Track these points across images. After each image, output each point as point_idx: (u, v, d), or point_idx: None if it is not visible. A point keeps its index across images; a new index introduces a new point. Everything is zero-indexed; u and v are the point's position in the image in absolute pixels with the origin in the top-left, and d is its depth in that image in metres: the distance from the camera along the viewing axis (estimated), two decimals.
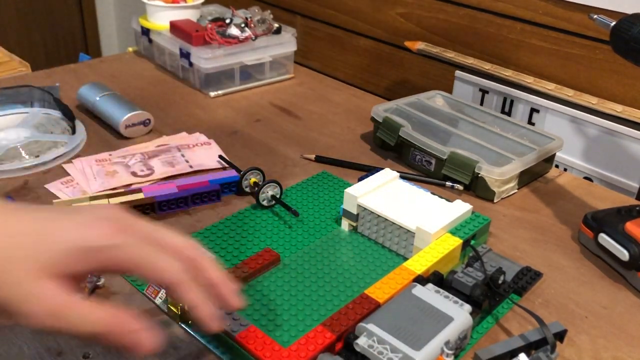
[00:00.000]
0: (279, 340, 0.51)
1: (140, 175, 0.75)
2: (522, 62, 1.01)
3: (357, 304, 0.50)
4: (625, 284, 0.61)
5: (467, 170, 0.74)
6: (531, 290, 0.59)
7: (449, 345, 0.46)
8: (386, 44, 1.22)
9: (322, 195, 0.73)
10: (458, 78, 1.05)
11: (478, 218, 0.63)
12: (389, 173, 0.69)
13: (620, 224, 0.62)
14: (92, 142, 0.84)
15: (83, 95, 0.92)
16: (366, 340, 0.46)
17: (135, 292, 0.56)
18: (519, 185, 0.77)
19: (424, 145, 0.78)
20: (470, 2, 1.05)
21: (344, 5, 1.27)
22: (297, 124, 0.93)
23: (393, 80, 1.23)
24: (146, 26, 1.10)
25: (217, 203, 0.71)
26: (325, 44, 1.35)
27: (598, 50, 0.91)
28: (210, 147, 0.83)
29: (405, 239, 0.61)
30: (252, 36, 1.02)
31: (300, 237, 0.65)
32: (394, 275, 0.54)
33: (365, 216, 0.64)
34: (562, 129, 0.92)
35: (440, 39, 1.11)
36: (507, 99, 0.99)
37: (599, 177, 0.90)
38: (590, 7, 0.89)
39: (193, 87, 1.04)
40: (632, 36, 0.59)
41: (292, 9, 1.39)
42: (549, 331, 0.49)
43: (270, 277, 0.59)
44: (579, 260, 0.65)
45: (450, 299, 0.50)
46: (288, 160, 0.82)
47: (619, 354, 0.52)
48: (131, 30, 1.18)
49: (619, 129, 0.86)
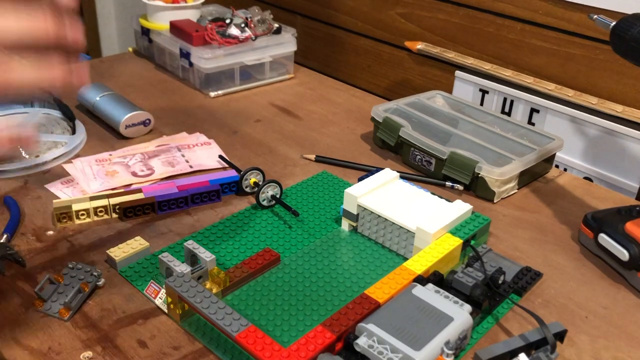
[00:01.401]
0: (279, 340, 0.51)
1: (140, 175, 0.75)
2: (522, 62, 1.01)
3: (357, 304, 0.50)
4: (625, 284, 0.61)
5: (467, 170, 0.74)
6: (531, 290, 0.59)
7: (449, 345, 0.46)
8: (386, 44, 1.22)
9: (322, 195, 0.73)
10: (458, 78, 1.05)
11: (478, 218, 0.63)
12: (389, 173, 0.69)
13: (620, 224, 0.62)
14: (92, 142, 0.84)
15: (83, 95, 0.92)
16: (366, 341, 0.46)
17: (136, 292, 0.56)
18: (519, 185, 0.77)
19: (424, 145, 0.78)
20: (470, 2, 1.05)
21: (344, 5, 1.27)
22: (297, 124, 0.93)
23: (393, 80, 1.23)
24: (146, 26, 1.10)
25: (217, 203, 0.71)
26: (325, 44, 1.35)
27: (598, 50, 0.91)
28: (210, 147, 0.83)
29: (405, 239, 0.61)
30: (252, 36, 1.02)
31: (300, 237, 0.65)
32: (394, 275, 0.54)
33: (365, 216, 0.64)
34: (562, 129, 0.92)
35: (440, 39, 1.11)
36: (507, 99, 0.99)
37: (599, 177, 0.90)
38: (590, 7, 0.89)
39: (193, 87, 1.04)
40: (632, 36, 0.59)
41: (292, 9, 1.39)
42: (549, 331, 0.49)
43: (270, 277, 0.59)
44: (579, 260, 0.65)
45: (450, 299, 0.50)
46: (288, 160, 0.82)
47: (619, 354, 0.52)
48: (131, 30, 1.18)
49: (619, 129, 0.86)
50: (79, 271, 0.56)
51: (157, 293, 0.55)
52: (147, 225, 0.66)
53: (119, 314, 0.54)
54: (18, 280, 0.57)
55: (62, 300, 0.53)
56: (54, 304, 0.53)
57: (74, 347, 0.50)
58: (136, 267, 0.59)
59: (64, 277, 0.55)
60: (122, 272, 0.58)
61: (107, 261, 0.60)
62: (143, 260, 0.60)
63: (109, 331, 0.52)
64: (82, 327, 0.52)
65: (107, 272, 0.59)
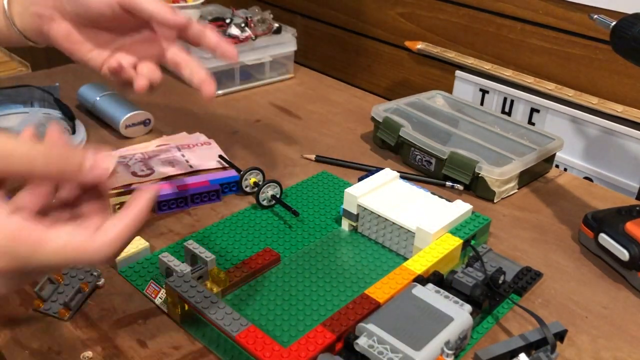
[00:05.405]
0: (279, 340, 0.51)
1: (140, 175, 0.75)
2: (522, 62, 1.01)
3: (357, 304, 0.50)
4: (625, 284, 0.61)
5: (467, 170, 0.74)
6: (531, 290, 0.59)
7: (449, 345, 0.46)
8: (386, 44, 1.22)
9: (322, 195, 0.73)
10: (458, 78, 1.05)
11: (478, 218, 0.63)
12: (389, 173, 0.69)
13: (620, 224, 0.62)
14: (92, 142, 0.84)
15: (83, 95, 0.91)
16: (366, 340, 0.46)
17: (136, 292, 0.56)
18: (519, 185, 0.77)
19: (424, 145, 0.78)
20: (470, 2, 1.05)
21: (344, 5, 1.27)
22: (297, 124, 0.93)
23: (393, 80, 1.23)
24: None
25: (217, 203, 0.71)
26: (325, 44, 1.35)
27: (598, 50, 0.91)
28: (210, 147, 0.83)
29: (406, 239, 0.61)
30: (252, 36, 1.02)
31: (300, 237, 0.65)
32: (394, 275, 0.54)
33: (366, 216, 0.64)
34: (562, 129, 0.92)
35: (440, 39, 1.11)
36: (507, 99, 0.99)
37: (599, 177, 0.90)
38: (590, 7, 0.89)
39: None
40: (632, 36, 0.59)
41: (292, 9, 1.39)
42: (549, 331, 0.49)
43: (270, 277, 0.59)
44: (579, 260, 0.65)
45: (451, 299, 0.50)
46: (288, 160, 0.82)
47: (619, 354, 0.52)
48: None
49: (619, 129, 0.86)
50: (79, 271, 0.56)
51: (157, 293, 0.55)
52: (147, 225, 0.66)
53: (119, 314, 0.54)
54: None
55: (62, 300, 0.53)
56: (54, 304, 0.53)
57: (74, 347, 0.50)
58: (136, 267, 0.59)
59: (63, 277, 0.55)
60: (122, 272, 0.58)
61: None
62: (143, 260, 0.60)
63: (109, 331, 0.52)
64: (82, 327, 0.52)
65: (107, 272, 0.58)
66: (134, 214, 0.38)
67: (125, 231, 0.37)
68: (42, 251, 0.35)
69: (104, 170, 0.38)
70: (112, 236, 0.37)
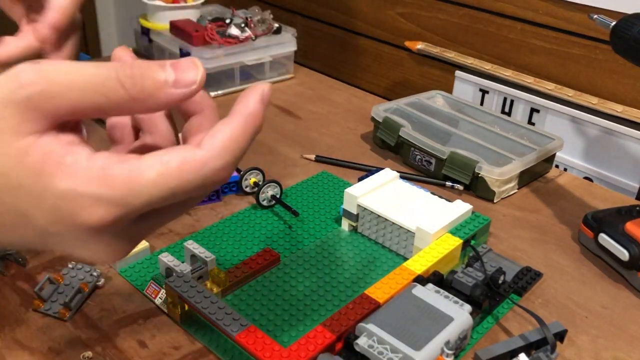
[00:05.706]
0: (279, 340, 0.51)
1: None
2: (522, 62, 1.01)
3: (357, 304, 0.50)
4: (625, 284, 0.61)
5: (467, 170, 0.74)
6: (531, 290, 0.59)
7: (449, 345, 0.46)
8: (386, 44, 1.22)
9: (322, 195, 0.73)
10: (458, 78, 1.05)
11: (478, 218, 0.63)
12: (389, 173, 0.69)
13: (620, 224, 0.62)
14: (91, 142, 0.83)
15: None
16: (366, 341, 0.46)
17: (136, 292, 0.56)
18: (519, 185, 0.77)
19: (424, 145, 0.78)
20: (470, 2, 1.05)
21: (344, 5, 1.27)
22: (297, 124, 0.93)
23: (393, 80, 1.23)
24: (146, 26, 1.10)
25: (217, 203, 0.71)
26: (325, 44, 1.35)
27: (598, 50, 0.91)
28: None
29: (405, 239, 0.61)
30: (252, 36, 1.02)
31: (300, 237, 0.65)
32: (394, 275, 0.54)
33: (365, 216, 0.64)
34: (562, 129, 0.92)
35: (440, 39, 1.11)
36: (507, 99, 0.99)
37: (599, 177, 0.90)
38: (590, 7, 0.89)
39: None
40: (632, 36, 0.59)
41: (292, 9, 1.39)
42: (549, 331, 0.49)
43: (270, 277, 0.59)
44: (579, 260, 0.65)
45: (450, 299, 0.50)
46: (288, 160, 0.82)
47: (619, 354, 0.52)
48: (131, 30, 1.18)
49: (619, 129, 0.86)
50: (78, 271, 0.56)
51: (157, 293, 0.55)
52: None
53: (119, 314, 0.54)
54: (18, 280, 0.57)
55: (62, 300, 0.53)
56: (54, 304, 0.53)
57: (74, 347, 0.50)
58: (136, 267, 0.59)
59: (63, 277, 0.55)
60: (122, 272, 0.58)
61: None
62: (143, 260, 0.60)
63: (109, 331, 0.52)
64: (82, 327, 0.52)
65: (107, 272, 0.58)
66: (247, 111, 0.30)
67: (239, 133, 0.30)
68: (138, 187, 0.28)
69: (192, 82, 0.29)
70: (225, 138, 0.29)
